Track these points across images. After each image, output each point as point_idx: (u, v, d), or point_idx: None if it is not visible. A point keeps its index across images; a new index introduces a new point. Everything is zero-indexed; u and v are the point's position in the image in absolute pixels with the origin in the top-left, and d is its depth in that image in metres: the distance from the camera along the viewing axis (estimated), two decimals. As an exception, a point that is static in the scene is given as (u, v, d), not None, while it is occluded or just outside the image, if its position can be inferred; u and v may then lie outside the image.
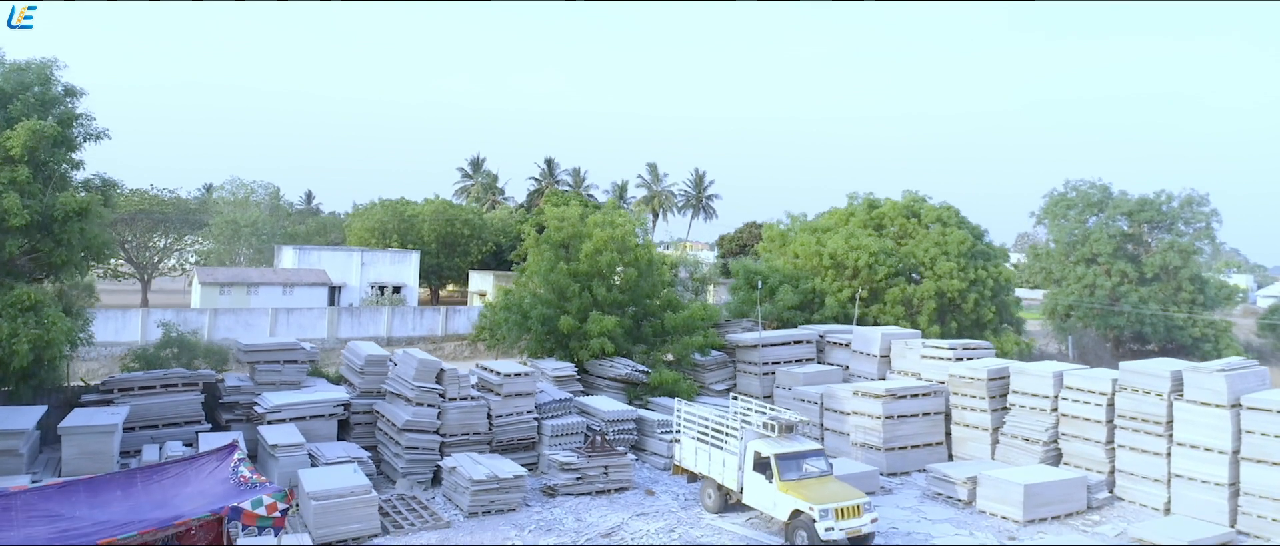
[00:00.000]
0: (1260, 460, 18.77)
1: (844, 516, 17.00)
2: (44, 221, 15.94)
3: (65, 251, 16.03)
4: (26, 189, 15.39)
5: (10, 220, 14.74)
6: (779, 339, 28.71)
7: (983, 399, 23.53)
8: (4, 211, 14.74)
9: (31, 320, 14.81)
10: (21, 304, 14.81)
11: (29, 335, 14.64)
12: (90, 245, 16.46)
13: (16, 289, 14.99)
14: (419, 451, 20.69)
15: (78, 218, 16.12)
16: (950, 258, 33.56)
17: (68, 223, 16.02)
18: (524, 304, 27.30)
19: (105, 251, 16.99)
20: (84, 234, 16.10)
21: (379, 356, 22.95)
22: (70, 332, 15.72)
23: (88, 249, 16.51)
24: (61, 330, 15.29)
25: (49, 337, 14.94)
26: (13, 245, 15.30)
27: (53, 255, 15.97)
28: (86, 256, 16.61)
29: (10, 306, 14.74)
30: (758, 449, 18.44)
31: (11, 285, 15.04)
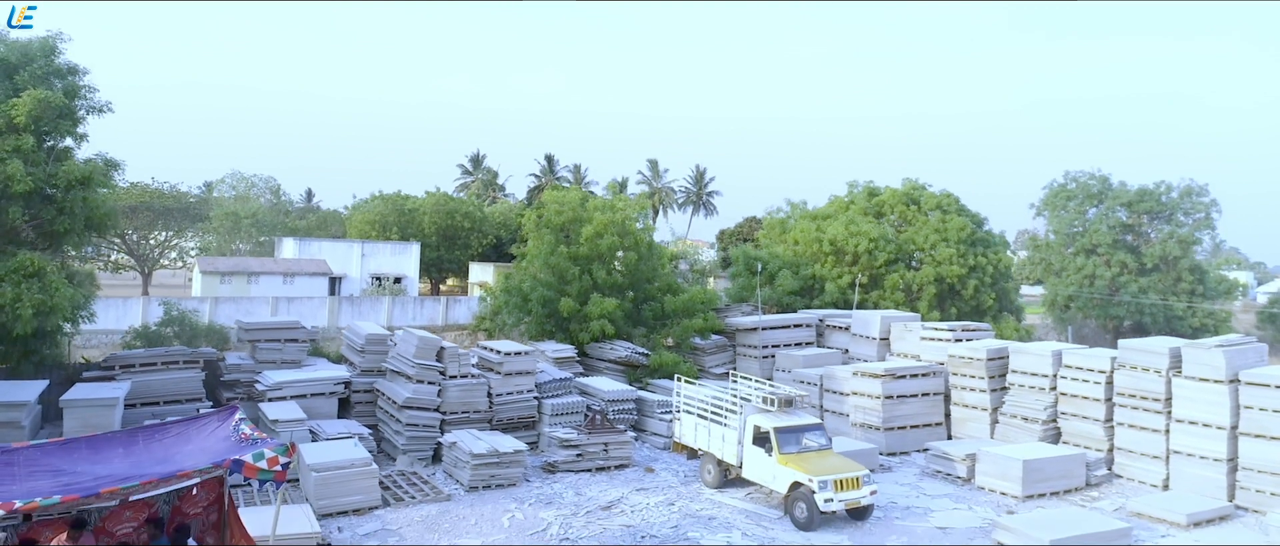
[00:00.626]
0: (1259, 434, 18.81)
1: (843, 488, 17.05)
2: (47, 189, 16.01)
3: (68, 219, 16.09)
4: (30, 157, 15.48)
5: (13, 186, 14.82)
6: (779, 322, 28.77)
7: (982, 379, 23.58)
8: (7, 177, 14.82)
9: (35, 286, 14.88)
10: (25, 270, 14.88)
11: (32, 300, 14.71)
12: (92, 215, 16.52)
13: (20, 255, 15.05)
14: (419, 428, 20.74)
15: (81, 186, 16.19)
16: (950, 244, 33.62)
17: (71, 191, 16.10)
18: (524, 287, 27.36)
19: (107, 222, 17.07)
20: (87, 203, 16.17)
21: (379, 335, 23.01)
22: (73, 299, 15.79)
23: (90, 219, 16.58)
24: (64, 296, 15.36)
25: (52, 303, 15.00)
26: (15, 211, 15.37)
27: (55, 223, 16.04)
28: (89, 227, 16.67)
29: (13, 272, 14.82)
30: (757, 423, 18.49)
31: (14, 252, 15.11)
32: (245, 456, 10.59)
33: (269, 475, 10.63)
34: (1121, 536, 16.52)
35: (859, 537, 16.77)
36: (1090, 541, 16.02)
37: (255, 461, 10.55)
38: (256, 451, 10.73)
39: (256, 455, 10.66)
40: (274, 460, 10.61)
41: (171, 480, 10.52)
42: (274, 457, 10.65)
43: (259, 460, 10.57)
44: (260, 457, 10.62)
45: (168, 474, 10.36)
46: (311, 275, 44.54)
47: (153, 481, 10.23)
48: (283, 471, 10.70)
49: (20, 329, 14.62)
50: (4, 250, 15.43)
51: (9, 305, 14.57)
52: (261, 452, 10.73)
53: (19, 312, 14.58)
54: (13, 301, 14.58)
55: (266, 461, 10.58)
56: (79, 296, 15.90)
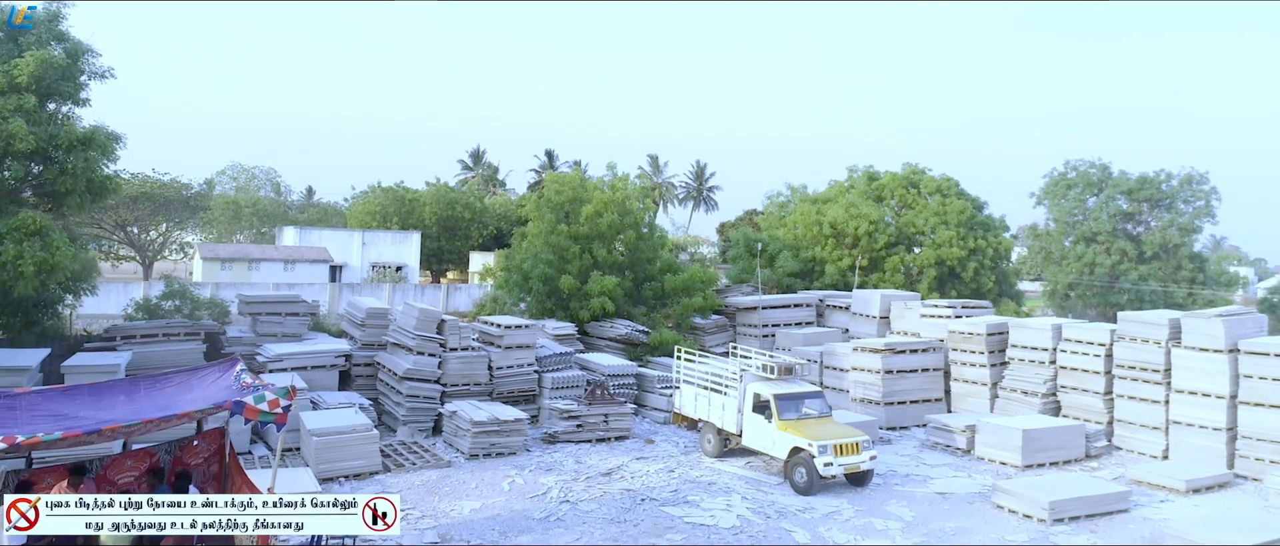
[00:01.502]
0: (1258, 403, 18.84)
1: (843, 453, 17.09)
2: (49, 149, 16.07)
3: (69, 179, 16.14)
4: (32, 116, 15.54)
5: (16, 144, 14.87)
6: (779, 302, 28.81)
7: (982, 354, 23.60)
8: (10, 136, 14.87)
9: (37, 245, 14.92)
10: (27, 228, 14.94)
11: (34, 258, 14.76)
12: (94, 178, 16.57)
13: (22, 214, 15.10)
14: (420, 399, 20.77)
15: (82, 147, 16.25)
16: (950, 227, 33.65)
17: (72, 152, 16.15)
18: (525, 265, 27.40)
19: (109, 186, 17.12)
20: (88, 163, 16.22)
21: (380, 309, 23.05)
22: (75, 258, 15.83)
23: (92, 182, 16.62)
24: (66, 255, 15.41)
25: (54, 262, 15.05)
26: (17, 169, 15.43)
27: (57, 183, 16.08)
28: (90, 191, 16.72)
29: (15, 230, 14.87)
30: (757, 390, 18.54)
31: (16, 211, 15.16)
32: (246, 398, 10.62)
33: (270, 417, 10.65)
34: (1120, 500, 16.56)
35: (859, 501, 16.80)
36: (1090, 504, 16.08)
37: (256, 403, 10.57)
38: (258, 394, 10.76)
39: (258, 397, 10.68)
40: (275, 402, 10.64)
41: (173, 420, 10.55)
42: (275, 400, 10.67)
43: (260, 402, 10.59)
44: (261, 399, 10.64)
45: (169, 414, 10.39)
46: (312, 262, 44.60)
47: (154, 420, 10.27)
48: (284, 414, 10.72)
49: (22, 288, 14.65)
50: (6, 210, 15.48)
51: (10, 263, 14.62)
52: (262, 395, 10.75)
53: (21, 270, 14.63)
54: (14, 259, 14.63)
55: (267, 403, 10.60)
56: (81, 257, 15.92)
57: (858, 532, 14.95)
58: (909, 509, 16.37)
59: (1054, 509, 15.57)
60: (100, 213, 49.80)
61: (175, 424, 10.75)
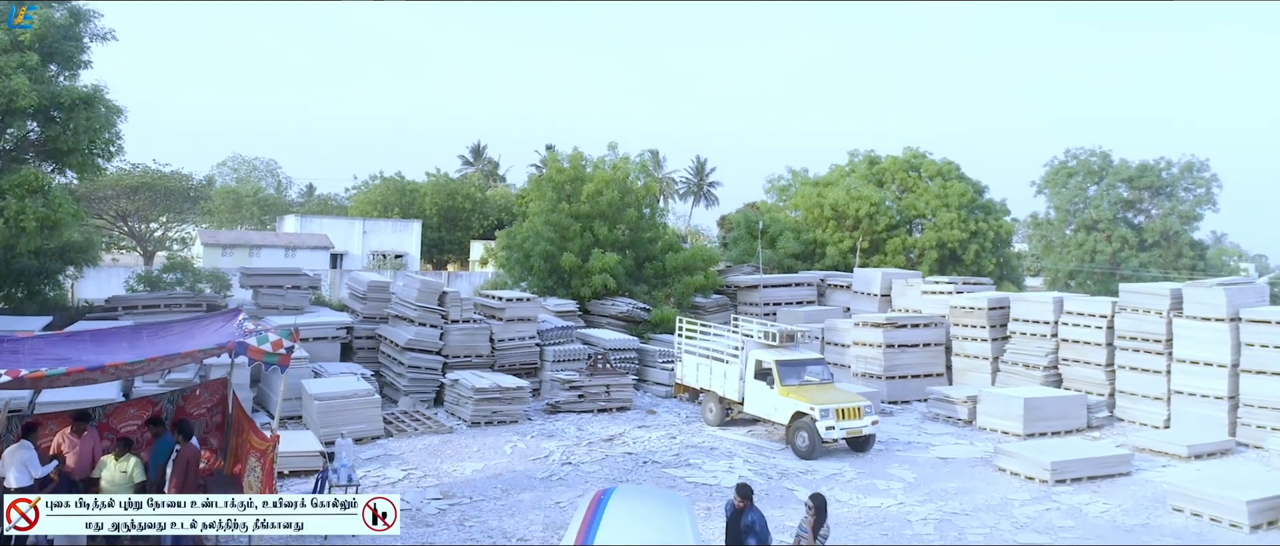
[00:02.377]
0: (1260, 371, 18.83)
1: (844, 417, 17.10)
2: (51, 109, 16.09)
3: (72, 137, 16.16)
4: (35, 74, 15.56)
5: (18, 100, 14.89)
6: (780, 281, 28.84)
7: (983, 328, 23.60)
8: (12, 91, 14.90)
9: (39, 201, 14.96)
10: (29, 185, 14.97)
11: (36, 213, 14.79)
12: (96, 137, 16.60)
13: (25, 170, 15.13)
14: (422, 370, 20.76)
15: (84, 105, 16.27)
16: (951, 209, 33.66)
17: (74, 110, 16.17)
18: (526, 244, 27.40)
19: (111, 148, 17.16)
20: (90, 122, 16.24)
21: (381, 282, 23.08)
22: (77, 217, 15.85)
23: (94, 142, 16.64)
24: (67, 211, 15.44)
25: (56, 218, 15.09)
26: (19, 125, 15.45)
27: (59, 140, 16.10)
28: (93, 151, 16.74)
29: (17, 186, 14.91)
30: (759, 357, 18.56)
31: (19, 169, 15.18)
32: (249, 340, 10.63)
33: (274, 358, 10.65)
34: (1122, 463, 16.57)
35: (860, 464, 16.81)
36: (1091, 466, 16.09)
37: (259, 344, 10.58)
38: (261, 335, 10.77)
39: (261, 338, 10.70)
40: (278, 343, 10.64)
41: (176, 359, 10.57)
42: (278, 341, 10.68)
43: (263, 342, 10.60)
44: (264, 341, 10.65)
45: (173, 353, 10.40)
46: (313, 249, 44.61)
47: (158, 359, 10.28)
48: (287, 355, 10.73)
49: (25, 244, 14.66)
50: (9, 169, 15.51)
51: (13, 218, 14.66)
52: (265, 336, 10.76)
53: (23, 225, 14.66)
54: (16, 215, 14.67)
55: (271, 344, 10.62)
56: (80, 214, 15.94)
57: (860, 492, 14.95)
58: (911, 471, 16.38)
59: (1055, 469, 15.58)
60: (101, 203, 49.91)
61: (179, 362, 10.77)
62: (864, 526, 13.18)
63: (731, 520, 9.35)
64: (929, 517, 13.65)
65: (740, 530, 9.18)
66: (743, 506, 9.26)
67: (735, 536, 9.23)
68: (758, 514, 9.28)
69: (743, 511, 9.24)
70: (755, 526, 9.15)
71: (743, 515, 9.22)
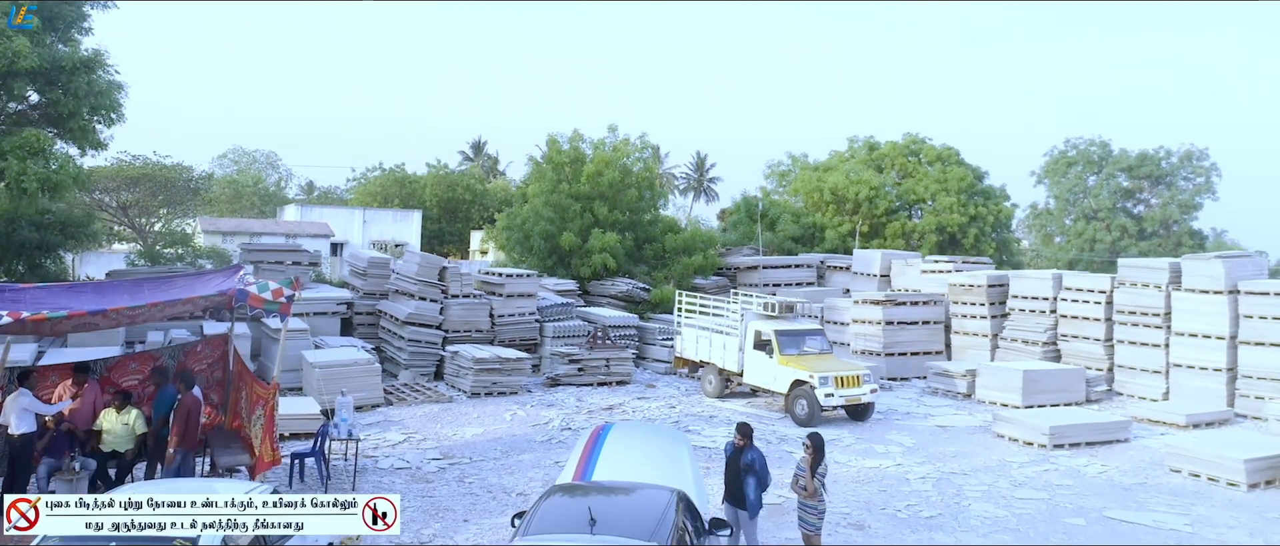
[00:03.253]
0: (1259, 342, 18.86)
1: (843, 385, 17.14)
2: (52, 72, 16.12)
3: (73, 100, 16.21)
4: (35, 36, 15.60)
5: (20, 62, 14.95)
6: (780, 262, 28.88)
7: (982, 305, 23.64)
8: (15, 52, 14.95)
9: (40, 162, 15.01)
10: (30, 146, 15.02)
11: (37, 174, 14.84)
12: (98, 101, 16.63)
13: (26, 131, 15.18)
14: (422, 344, 20.80)
15: (85, 69, 16.31)
16: (950, 193, 33.69)
17: (76, 73, 16.21)
18: (526, 224, 27.44)
19: (113, 113, 17.18)
20: (92, 85, 16.27)
21: (381, 258, 23.13)
22: (79, 176, 15.90)
23: (96, 106, 16.67)
24: (68, 172, 15.49)
25: (57, 179, 15.14)
26: (20, 86, 15.49)
27: (60, 104, 16.15)
28: (94, 113, 16.77)
29: (19, 147, 14.96)
30: (758, 328, 18.60)
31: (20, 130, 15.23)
32: (250, 289, 10.68)
33: (274, 306, 10.72)
34: (1121, 429, 16.62)
35: (859, 431, 16.85)
36: (1090, 431, 16.13)
37: (260, 292, 10.64)
38: (261, 284, 10.83)
39: (261, 286, 10.76)
40: (279, 291, 10.70)
41: (178, 304, 10.63)
42: (279, 289, 10.74)
43: (264, 291, 10.66)
44: (265, 289, 10.71)
45: (174, 299, 10.45)
46: (313, 237, 44.54)
47: (159, 304, 10.32)
48: (288, 303, 10.79)
49: (26, 206, 14.70)
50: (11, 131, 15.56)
51: (14, 179, 14.71)
52: (266, 285, 10.82)
53: (25, 186, 14.71)
54: (17, 175, 14.72)
55: (271, 292, 10.67)
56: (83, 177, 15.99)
57: (859, 455, 14.99)
58: (909, 437, 16.42)
59: (1054, 434, 15.62)
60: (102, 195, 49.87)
61: (180, 308, 10.81)
62: (862, 484, 13.23)
63: (731, 459, 9.40)
64: (928, 476, 13.69)
65: (740, 468, 9.23)
66: (742, 445, 9.31)
67: (735, 474, 9.28)
68: (757, 452, 9.33)
69: (743, 450, 9.29)
70: (755, 464, 9.20)
71: (743, 453, 9.27)
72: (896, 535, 10.93)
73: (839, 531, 11.02)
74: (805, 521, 9.21)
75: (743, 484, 9.16)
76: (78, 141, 16.80)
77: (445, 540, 10.41)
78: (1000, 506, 12.22)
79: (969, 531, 11.13)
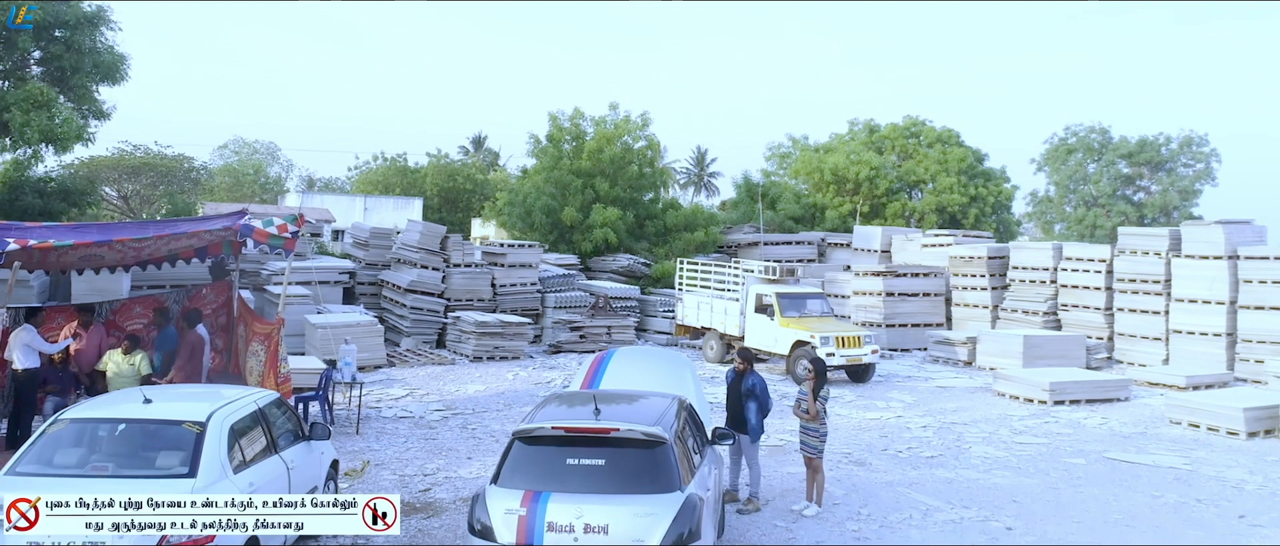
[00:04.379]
0: (1259, 306, 18.92)
1: (844, 345, 17.21)
2: (55, 27, 16.19)
3: (75, 57, 16.27)
4: (39, -8, 15.74)
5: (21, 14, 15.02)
6: (781, 239, 28.94)
7: (983, 277, 23.70)
8: (16, 5, 15.02)
9: (43, 115, 15.08)
10: (33, 99, 15.08)
11: (39, 126, 14.91)
12: (100, 60, 16.69)
13: (29, 84, 15.25)
14: (423, 312, 20.85)
15: (89, 25, 16.38)
16: (951, 174, 33.75)
17: (79, 29, 16.27)
18: (527, 199, 27.50)
19: (115, 70, 17.23)
20: (95, 43, 16.33)
21: (384, 229, 23.18)
22: (80, 132, 15.96)
23: (98, 64, 16.72)
24: (71, 126, 15.55)
25: (60, 132, 15.21)
26: (25, 41, 15.55)
27: (63, 58, 16.20)
28: (96, 70, 16.82)
29: (22, 100, 15.02)
30: (760, 292, 18.67)
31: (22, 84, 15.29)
32: (255, 224, 10.74)
33: (279, 241, 10.76)
34: (1121, 388, 16.68)
35: (860, 390, 16.92)
36: (1090, 388, 16.19)
37: (265, 226, 10.70)
38: (267, 220, 10.90)
39: (266, 221, 10.82)
40: (284, 226, 10.76)
41: (182, 237, 10.69)
42: (284, 225, 10.80)
43: (269, 225, 10.72)
44: (270, 224, 10.77)
45: (180, 232, 10.52)
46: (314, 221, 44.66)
47: (165, 236, 10.39)
48: (292, 239, 10.84)
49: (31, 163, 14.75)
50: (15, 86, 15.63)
51: (17, 129, 14.78)
52: (271, 220, 10.89)
53: (26, 138, 14.78)
54: (20, 126, 14.79)
55: (277, 227, 10.73)
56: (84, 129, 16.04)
57: (860, 409, 15.05)
58: (910, 395, 16.50)
59: (1054, 390, 15.67)
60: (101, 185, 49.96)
61: (185, 241, 10.87)
62: (864, 431, 13.29)
63: (732, 384, 9.49)
64: (928, 425, 13.76)
65: (741, 393, 9.31)
66: (743, 370, 9.39)
67: (736, 399, 9.36)
68: (758, 377, 9.41)
69: (744, 375, 9.37)
70: (756, 389, 9.28)
71: (744, 378, 9.36)
72: (897, 471, 10.99)
73: (840, 467, 11.08)
74: (807, 445, 9.28)
75: (744, 409, 9.24)
76: (80, 101, 16.84)
77: (450, 473, 10.47)
78: (1000, 449, 12.29)
79: (969, 468, 11.19)
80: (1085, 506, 9.61)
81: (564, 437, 6.34)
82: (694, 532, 5.85)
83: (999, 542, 8.44)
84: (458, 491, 9.66)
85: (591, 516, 5.75)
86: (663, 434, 6.27)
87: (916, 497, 9.83)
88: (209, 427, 6.17)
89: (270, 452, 6.91)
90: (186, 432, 6.13)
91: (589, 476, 6.09)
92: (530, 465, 6.20)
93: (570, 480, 6.06)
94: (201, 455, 5.95)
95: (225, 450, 6.17)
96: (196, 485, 5.74)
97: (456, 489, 9.78)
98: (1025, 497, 9.89)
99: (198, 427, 6.15)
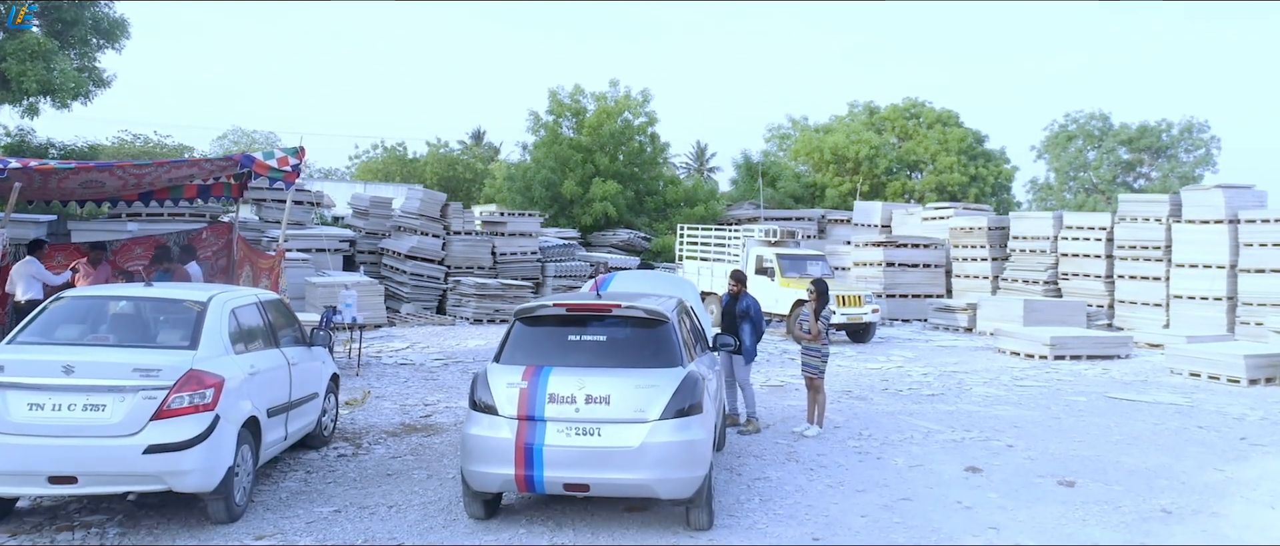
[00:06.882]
0: (1259, 269, 18.89)
1: (845, 304, 17.20)
2: None
3: (75, 9, 16.25)
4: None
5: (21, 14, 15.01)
6: (781, 214, 28.91)
7: (983, 247, 23.69)
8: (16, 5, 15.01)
9: (40, 65, 15.05)
10: (31, 50, 15.05)
11: (37, 77, 14.89)
12: (99, 22, 16.68)
13: (28, 34, 15.23)
14: (424, 278, 20.86)
15: None
16: (951, 153, 33.75)
17: None
18: (527, 173, 27.49)
19: (117, 31, 17.20)
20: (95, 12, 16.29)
21: (384, 198, 23.18)
22: (79, 84, 15.93)
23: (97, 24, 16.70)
24: (68, 77, 15.53)
25: (58, 84, 15.19)
26: (24, 0, 15.57)
27: (62, 11, 16.18)
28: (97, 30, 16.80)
29: (19, 51, 15.00)
30: (760, 253, 18.69)
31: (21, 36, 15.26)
32: (255, 156, 10.75)
33: (279, 174, 10.79)
34: (1121, 345, 16.68)
35: (862, 349, 16.91)
36: (1090, 345, 16.18)
37: (266, 158, 10.72)
38: (267, 152, 10.91)
39: (267, 153, 10.83)
40: (284, 159, 10.78)
41: (184, 167, 10.69)
42: (284, 157, 10.82)
43: (269, 158, 10.74)
44: (270, 156, 10.79)
45: (180, 161, 10.52)
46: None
47: (165, 163, 10.41)
48: (293, 172, 10.86)
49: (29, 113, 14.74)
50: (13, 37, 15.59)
51: (15, 79, 14.75)
52: (271, 152, 10.90)
53: (24, 87, 14.76)
54: (18, 76, 14.77)
55: (277, 160, 10.75)
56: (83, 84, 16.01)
57: (861, 362, 15.04)
58: (912, 352, 16.49)
59: (1055, 345, 15.67)
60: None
61: (185, 171, 10.87)
62: (864, 378, 13.28)
63: (727, 306, 9.55)
64: (929, 373, 13.76)
65: (736, 315, 9.36)
66: (737, 291, 9.48)
67: (731, 320, 9.42)
68: (752, 299, 9.50)
69: (738, 296, 9.45)
70: (750, 311, 9.36)
71: (738, 300, 9.42)
72: (898, 405, 10.99)
73: (842, 401, 11.08)
74: (809, 365, 9.30)
75: (738, 329, 9.29)
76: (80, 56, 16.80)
77: (450, 404, 10.47)
78: (1001, 390, 12.29)
79: (971, 403, 11.18)
80: (1087, 430, 9.61)
81: (566, 317, 6.36)
82: (696, 406, 5.85)
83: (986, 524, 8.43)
84: (457, 417, 9.66)
85: (593, 388, 5.75)
86: (666, 313, 6.29)
87: (918, 423, 9.84)
88: (210, 306, 6.18)
89: (272, 345, 6.92)
90: (188, 310, 6.14)
91: (591, 351, 6.10)
92: (532, 343, 6.20)
93: (572, 355, 6.06)
94: (203, 330, 5.95)
95: (226, 330, 6.18)
96: (198, 357, 5.73)
97: (456, 415, 9.78)
98: (1027, 425, 9.89)
99: (199, 306, 6.16)
